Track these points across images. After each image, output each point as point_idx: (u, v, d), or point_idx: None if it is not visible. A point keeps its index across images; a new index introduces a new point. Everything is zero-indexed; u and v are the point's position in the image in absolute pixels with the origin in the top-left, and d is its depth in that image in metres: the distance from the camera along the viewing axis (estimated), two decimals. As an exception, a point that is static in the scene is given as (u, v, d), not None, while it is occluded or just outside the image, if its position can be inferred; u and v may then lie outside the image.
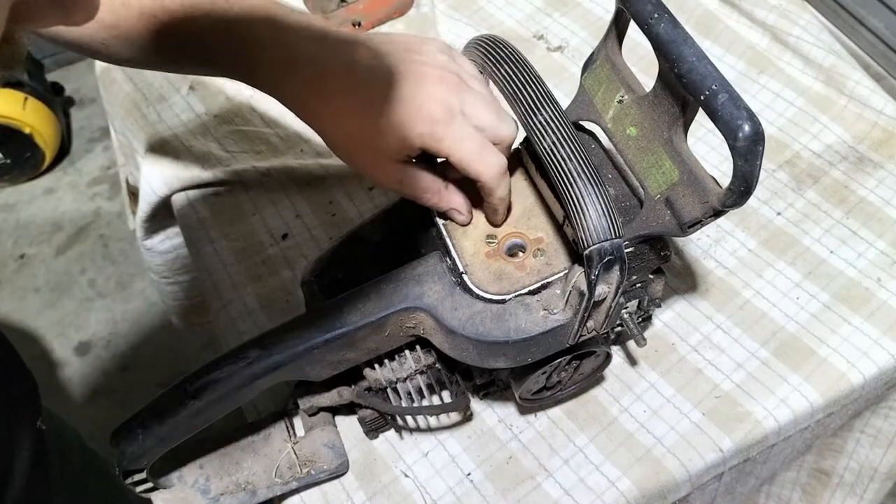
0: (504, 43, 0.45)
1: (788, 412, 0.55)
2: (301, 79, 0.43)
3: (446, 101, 0.42)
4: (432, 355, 0.50)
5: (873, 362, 0.57)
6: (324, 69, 0.43)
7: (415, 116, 0.42)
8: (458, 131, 0.42)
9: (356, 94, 0.43)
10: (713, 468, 0.54)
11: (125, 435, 0.46)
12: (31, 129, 1.71)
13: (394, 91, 0.42)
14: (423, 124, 0.42)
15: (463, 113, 0.43)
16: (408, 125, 0.42)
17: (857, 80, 0.72)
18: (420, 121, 0.42)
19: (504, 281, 0.46)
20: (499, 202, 0.46)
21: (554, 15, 0.82)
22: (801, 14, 0.77)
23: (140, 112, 0.77)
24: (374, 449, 0.56)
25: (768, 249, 0.63)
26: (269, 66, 0.43)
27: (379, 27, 0.82)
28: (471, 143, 0.43)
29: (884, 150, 0.69)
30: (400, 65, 0.43)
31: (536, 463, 0.54)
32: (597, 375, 0.55)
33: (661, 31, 0.39)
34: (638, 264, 0.46)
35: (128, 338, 1.57)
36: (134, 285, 1.64)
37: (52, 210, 1.79)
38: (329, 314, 0.46)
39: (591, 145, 0.50)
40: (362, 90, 0.42)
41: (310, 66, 0.43)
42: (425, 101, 0.42)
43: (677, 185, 0.41)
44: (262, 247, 0.66)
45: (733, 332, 0.59)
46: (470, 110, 0.43)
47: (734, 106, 0.36)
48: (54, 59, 2.01)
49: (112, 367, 1.53)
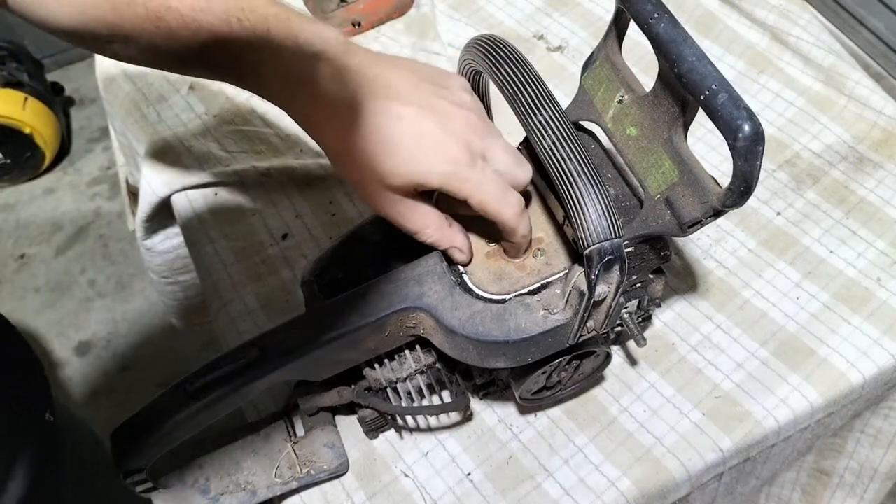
0: (504, 43, 0.45)
1: (788, 412, 0.55)
2: (313, 98, 0.42)
3: (469, 143, 0.42)
4: (432, 355, 0.50)
5: (873, 362, 0.57)
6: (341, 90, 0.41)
7: (438, 155, 0.41)
8: (481, 174, 0.42)
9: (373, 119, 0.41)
10: (713, 468, 0.54)
11: (125, 435, 0.46)
12: (31, 129, 1.72)
13: (417, 125, 0.41)
14: (447, 164, 0.41)
15: (484, 157, 0.43)
16: (429, 163, 0.41)
17: (856, 79, 0.72)
18: (443, 160, 0.41)
19: (504, 281, 0.46)
20: (522, 240, 0.45)
21: (554, 15, 0.82)
22: (800, 14, 0.77)
23: (140, 112, 0.77)
24: (373, 449, 0.56)
25: (768, 249, 0.64)
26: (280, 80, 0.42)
27: (379, 27, 0.82)
28: (492, 186, 0.42)
29: (883, 149, 0.69)
30: (426, 98, 0.42)
31: (536, 463, 0.54)
32: (597, 375, 0.55)
33: (661, 30, 0.39)
34: (638, 264, 0.46)
35: (128, 338, 1.57)
36: (134, 285, 1.64)
37: (52, 210, 1.80)
38: (329, 314, 0.46)
39: (591, 145, 0.50)
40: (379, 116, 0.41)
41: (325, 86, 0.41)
42: (450, 141, 0.41)
43: (677, 185, 0.41)
44: (262, 247, 0.66)
45: (733, 332, 0.59)
46: (491, 154, 0.43)
47: (734, 106, 0.36)
48: (54, 59, 2.01)
49: (112, 367, 1.53)
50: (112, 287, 1.65)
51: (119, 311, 1.61)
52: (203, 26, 0.41)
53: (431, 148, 0.41)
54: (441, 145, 0.41)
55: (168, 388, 0.45)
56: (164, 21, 0.41)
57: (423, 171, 0.41)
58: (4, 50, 1.79)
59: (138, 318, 1.60)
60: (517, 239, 0.45)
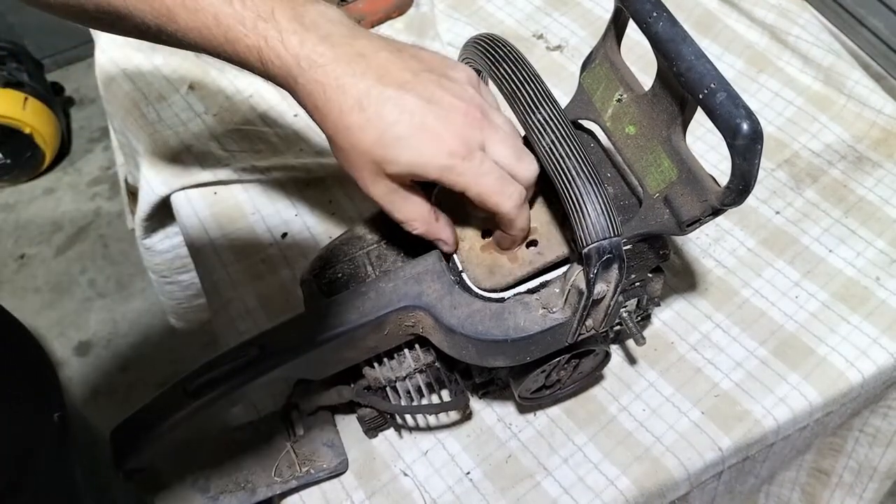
0: (503, 42, 0.45)
1: (787, 411, 0.55)
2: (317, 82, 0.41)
3: (468, 137, 0.42)
4: (431, 354, 0.50)
5: (872, 361, 0.57)
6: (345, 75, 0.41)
7: (436, 148, 0.41)
8: (479, 167, 0.42)
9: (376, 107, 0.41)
10: (712, 467, 0.54)
11: (125, 434, 0.46)
12: (31, 129, 1.72)
13: (418, 117, 0.41)
14: (444, 157, 0.41)
15: (483, 148, 0.42)
16: (427, 154, 0.41)
17: (856, 79, 0.72)
18: (441, 153, 0.41)
19: (497, 274, 0.45)
20: (518, 233, 0.45)
21: (553, 14, 0.82)
22: (800, 13, 0.77)
23: (140, 111, 0.77)
24: (373, 448, 0.56)
25: (767, 248, 0.64)
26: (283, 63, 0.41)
27: (378, 27, 0.82)
28: (490, 178, 0.42)
29: (883, 149, 0.69)
30: (430, 88, 0.42)
31: (535, 462, 0.54)
32: (596, 374, 0.55)
33: (660, 29, 0.39)
34: (637, 263, 0.46)
35: (128, 338, 1.57)
36: (134, 285, 1.64)
37: (52, 210, 1.80)
38: (328, 313, 0.46)
39: (590, 144, 0.50)
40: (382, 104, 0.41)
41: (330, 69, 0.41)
42: (448, 135, 0.41)
43: (676, 184, 0.41)
44: (262, 246, 0.66)
45: (732, 331, 0.59)
46: (490, 147, 0.43)
47: (733, 105, 0.36)
48: (54, 60, 2.01)
49: (112, 367, 1.53)
50: (112, 287, 1.65)
51: (119, 311, 1.61)
52: (202, 6, 0.40)
53: (431, 140, 0.41)
54: (440, 139, 0.41)
55: (167, 386, 0.45)
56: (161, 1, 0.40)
57: (422, 163, 0.41)
58: (4, 50, 1.79)
59: (138, 318, 1.59)
60: (514, 231, 0.45)
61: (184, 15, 0.40)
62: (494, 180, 0.42)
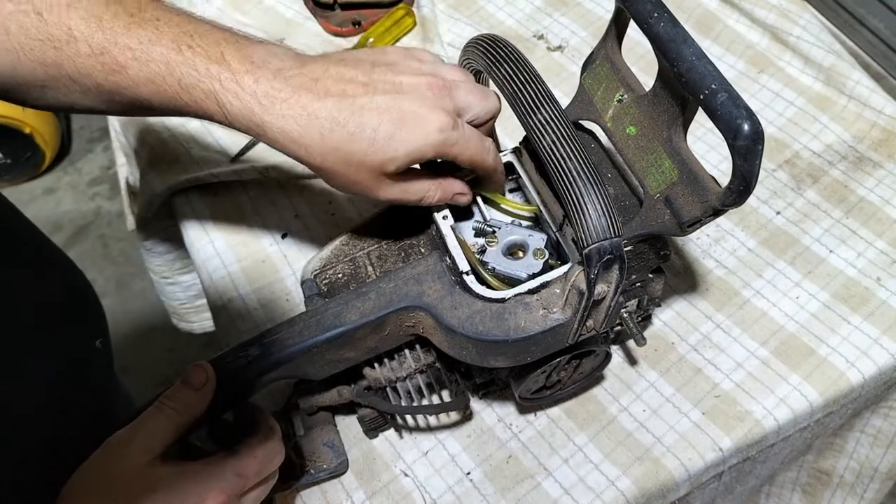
0: (504, 42, 0.45)
1: (788, 411, 0.55)
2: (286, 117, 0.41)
3: (444, 105, 0.43)
4: (432, 354, 0.50)
5: (873, 362, 0.57)
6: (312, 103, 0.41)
7: (424, 129, 0.42)
8: (464, 132, 0.44)
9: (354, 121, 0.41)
10: (713, 467, 0.54)
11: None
12: (31, 129, 1.72)
13: (395, 110, 0.41)
14: (435, 133, 0.42)
15: (459, 112, 0.44)
16: (420, 138, 0.42)
17: (856, 79, 0.72)
18: (431, 132, 0.42)
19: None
20: (501, 177, 0.49)
21: (554, 15, 0.82)
22: (801, 14, 0.77)
23: (140, 112, 0.77)
24: (373, 448, 0.56)
25: (768, 249, 0.64)
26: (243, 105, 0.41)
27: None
28: (474, 142, 0.44)
29: (883, 149, 0.69)
30: (388, 80, 0.43)
31: (536, 462, 0.54)
32: (596, 375, 0.55)
33: (661, 30, 0.39)
34: (637, 263, 0.46)
35: (128, 338, 1.57)
36: (134, 285, 1.64)
37: (52, 210, 1.80)
38: (328, 313, 0.46)
39: (591, 144, 0.50)
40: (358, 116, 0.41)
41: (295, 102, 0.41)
42: (427, 111, 0.42)
43: (676, 185, 0.41)
44: (262, 246, 0.66)
45: (733, 332, 0.59)
46: (459, 101, 0.44)
47: (733, 105, 0.36)
48: (54, 60, 2.00)
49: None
50: (112, 287, 1.65)
51: (119, 311, 1.61)
52: (153, 57, 0.40)
53: (417, 125, 0.42)
54: (423, 119, 0.42)
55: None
56: (111, 56, 0.40)
57: (418, 148, 0.42)
58: (5, 50, 1.79)
59: (138, 318, 1.59)
60: (498, 177, 0.48)
61: (135, 67, 0.40)
62: (478, 142, 0.44)
